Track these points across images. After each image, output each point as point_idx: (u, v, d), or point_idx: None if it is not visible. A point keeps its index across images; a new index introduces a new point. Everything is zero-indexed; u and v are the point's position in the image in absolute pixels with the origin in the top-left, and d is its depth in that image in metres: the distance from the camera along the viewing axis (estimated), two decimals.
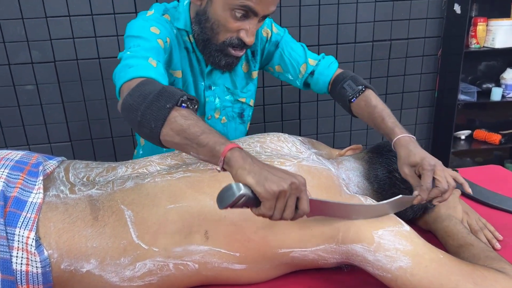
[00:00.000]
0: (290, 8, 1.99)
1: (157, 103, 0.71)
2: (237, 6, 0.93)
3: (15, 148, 1.92)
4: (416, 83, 2.26)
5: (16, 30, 1.83)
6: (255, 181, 0.62)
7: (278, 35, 1.17)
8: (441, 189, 0.83)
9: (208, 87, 1.14)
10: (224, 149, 0.65)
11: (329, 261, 0.80)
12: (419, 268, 0.73)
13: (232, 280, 0.82)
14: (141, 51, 0.90)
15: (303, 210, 0.66)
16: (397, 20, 2.11)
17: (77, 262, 0.72)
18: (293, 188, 0.64)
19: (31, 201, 0.74)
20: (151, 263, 0.75)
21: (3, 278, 0.67)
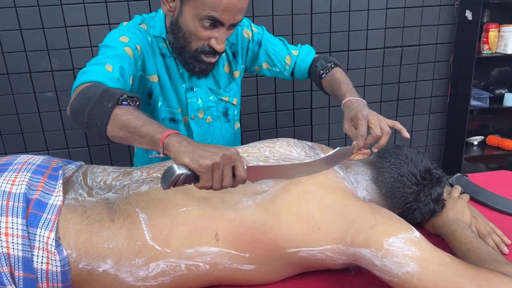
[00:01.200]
0: (302, 16, 2.02)
1: (100, 104, 0.80)
2: (204, 16, 1.00)
3: (35, 153, 1.99)
4: (428, 89, 2.27)
5: (37, 39, 1.90)
6: (189, 160, 0.70)
7: (259, 34, 1.25)
8: (374, 135, 0.92)
9: (190, 88, 1.20)
10: (162, 136, 0.74)
11: (336, 262, 0.82)
12: (426, 272, 0.74)
13: (242, 281, 0.85)
14: (103, 58, 0.98)
15: (240, 176, 0.73)
16: (409, 27, 2.13)
17: (94, 262, 0.76)
18: (225, 159, 0.71)
19: (52, 203, 0.78)
20: (164, 264, 0.78)
21: (25, 276, 0.71)
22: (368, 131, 0.95)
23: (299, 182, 0.85)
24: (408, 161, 0.97)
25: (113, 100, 0.79)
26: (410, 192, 0.96)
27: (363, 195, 0.97)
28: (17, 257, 0.71)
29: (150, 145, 0.77)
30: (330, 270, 0.88)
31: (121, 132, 0.79)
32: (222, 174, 0.72)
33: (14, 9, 1.84)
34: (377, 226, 0.79)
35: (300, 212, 0.81)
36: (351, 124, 0.96)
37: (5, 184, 0.76)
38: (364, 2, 2.05)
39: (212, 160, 0.70)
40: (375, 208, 0.84)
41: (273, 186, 0.84)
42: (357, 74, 2.17)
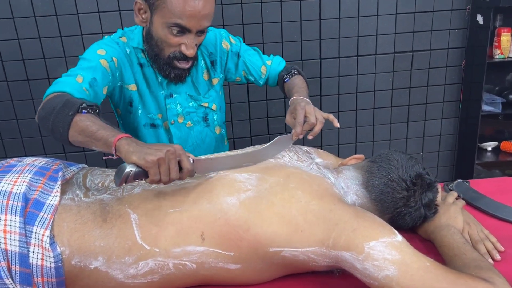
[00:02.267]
0: (311, 22, 2.04)
1: (62, 112, 0.90)
2: (172, 24, 1.08)
3: (53, 155, 2.07)
4: (440, 94, 2.25)
5: (54, 47, 1.98)
6: (137, 157, 0.78)
7: (237, 46, 1.34)
8: (310, 122, 1.04)
9: (169, 95, 1.28)
10: (114, 139, 0.82)
11: (319, 264, 0.84)
12: (405, 276, 0.76)
13: (228, 280, 0.88)
14: (77, 70, 1.08)
15: (186, 168, 0.82)
16: (419, 32, 2.12)
17: (86, 259, 0.80)
18: (170, 154, 0.79)
19: (49, 203, 0.83)
20: (152, 262, 0.82)
21: (21, 270, 0.76)
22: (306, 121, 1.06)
23: (288, 187, 0.87)
24: (399, 166, 0.98)
25: (73, 108, 0.90)
26: (399, 197, 0.97)
27: (353, 200, 0.99)
28: (14, 252, 0.76)
29: (104, 148, 0.86)
30: (315, 272, 0.90)
31: (80, 136, 0.88)
32: (168, 168, 0.79)
33: (34, 18, 1.93)
34: (359, 230, 0.81)
35: (283, 213, 0.83)
36: (292, 116, 1.08)
37: (7, 184, 0.82)
38: (373, 8, 2.05)
39: (157, 155, 0.77)
40: (359, 212, 0.85)
41: (257, 186, 0.87)
42: (366, 79, 2.17)
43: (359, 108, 2.23)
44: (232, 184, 0.88)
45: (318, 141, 2.26)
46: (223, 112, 1.44)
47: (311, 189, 0.88)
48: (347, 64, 2.14)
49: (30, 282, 0.77)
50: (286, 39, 2.06)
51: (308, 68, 2.12)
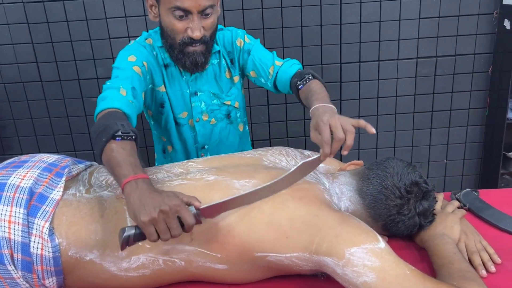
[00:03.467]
0: (331, 27, 2.05)
1: (100, 136, 0.89)
2: (172, 8, 1.12)
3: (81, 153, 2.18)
4: (466, 101, 2.19)
5: (85, 50, 2.09)
6: (132, 216, 0.76)
7: (250, 44, 1.33)
8: (337, 138, 0.89)
9: (194, 93, 1.31)
10: (122, 183, 0.80)
11: (303, 268, 0.86)
12: (382, 283, 0.77)
13: (217, 279, 0.91)
14: (116, 82, 1.10)
15: (188, 224, 0.76)
16: (444, 37, 2.07)
17: (82, 251, 0.86)
18: (164, 214, 0.74)
19: (52, 197, 0.89)
20: (144, 257, 0.87)
21: (23, 258, 0.83)
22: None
23: (279, 194, 0.89)
24: (394, 173, 0.98)
25: (108, 135, 0.88)
26: (393, 204, 0.97)
27: (347, 205, 1.00)
28: (17, 241, 0.83)
29: (120, 187, 0.82)
30: (301, 275, 0.92)
31: (107, 166, 0.87)
32: (167, 226, 0.75)
33: (66, 23, 2.05)
34: (341, 236, 0.82)
35: (271, 221, 0.85)
36: (316, 132, 0.94)
37: (16, 179, 0.89)
38: (395, 12, 2.03)
39: (148, 216, 0.73)
40: (344, 218, 0.86)
41: None
42: (388, 84, 2.15)
43: (380, 114, 2.21)
44: (227, 191, 0.90)
45: None
46: (244, 110, 1.45)
47: (301, 195, 0.90)
48: (368, 69, 2.12)
49: (30, 270, 0.84)
50: (306, 44, 2.07)
51: (328, 72, 2.13)
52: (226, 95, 1.35)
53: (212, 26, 1.19)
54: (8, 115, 2.21)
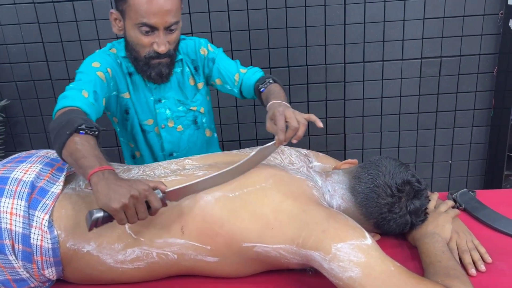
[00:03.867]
0: (335, 27, 2.06)
1: (62, 130, 0.91)
2: (139, 24, 1.16)
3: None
4: (471, 102, 2.18)
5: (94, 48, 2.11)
6: (102, 204, 0.79)
7: (214, 53, 1.39)
8: (292, 127, 0.98)
9: (158, 100, 1.35)
10: (88, 174, 0.83)
11: (291, 261, 0.89)
12: (367, 279, 0.78)
13: (208, 272, 0.94)
14: (79, 84, 1.13)
15: (156, 208, 0.82)
16: (448, 37, 2.07)
17: (79, 243, 0.90)
18: (134, 198, 0.79)
19: (52, 191, 0.93)
20: (138, 250, 0.90)
21: (23, 249, 0.87)
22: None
23: (263, 188, 0.92)
24: (386, 172, 1.00)
25: (71, 128, 0.91)
26: (384, 203, 0.98)
27: (339, 203, 1.02)
28: (17, 233, 0.86)
29: (85, 179, 0.85)
30: (291, 270, 0.94)
31: (69, 158, 0.89)
32: (135, 210, 0.80)
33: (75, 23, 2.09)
34: (328, 231, 0.84)
35: (255, 211, 0.88)
36: (272, 122, 1.03)
37: (19, 173, 0.93)
38: (399, 13, 2.03)
39: (120, 203, 0.78)
40: (332, 214, 0.88)
41: (234, 185, 0.92)
42: (392, 84, 2.15)
43: (384, 114, 2.21)
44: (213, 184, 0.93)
45: (342, 145, 2.27)
46: (211, 116, 1.51)
47: (287, 190, 0.92)
48: (372, 69, 2.13)
49: (30, 260, 0.88)
50: (310, 44, 2.09)
51: (332, 72, 2.14)
52: (191, 101, 1.40)
53: (176, 40, 1.25)
54: (19, 113, 2.27)
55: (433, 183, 2.34)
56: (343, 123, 2.23)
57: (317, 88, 2.17)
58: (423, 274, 0.90)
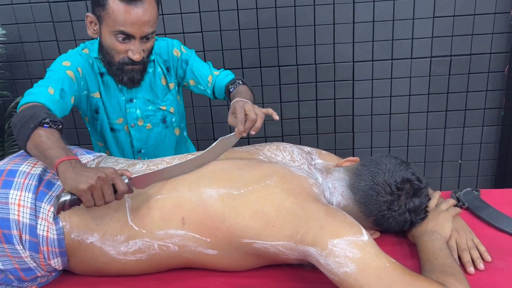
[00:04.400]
0: (344, 25, 2.06)
1: (26, 123, 0.95)
2: (116, 32, 1.19)
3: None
4: (481, 101, 2.16)
5: None
6: (69, 187, 0.83)
7: (187, 55, 1.44)
8: (250, 119, 1.07)
9: (129, 100, 1.38)
10: (55, 163, 0.87)
11: (289, 257, 0.90)
12: (362, 274, 0.79)
13: (209, 265, 0.97)
14: (47, 81, 1.16)
15: (121, 191, 0.86)
16: (459, 36, 2.05)
17: (83, 234, 0.93)
18: (101, 180, 0.83)
19: (58, 184, 0.97)
20: (140, 242, 0.93)
21: (30, 239, 0.90)
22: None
23: (267, 186, 0.93)
24: (386, 170, 1.01)
25: (36, 122, 0.94)
26: (383, 200, 0.99)
27: (338, 200, 1.03)
28: (25, 224, 0.90)
29: (51, 168, 0.91)
30: (290, 265, 0.96)
31: (34, 150, 0.93)
32: (102, 192, 0.84)
33: None
34: (325, 227, 0.85)
35: (256, 209, 0.90)
36: (233, 116, 1.10)
37: (27, 166, 0.96)
38: (409, 11, 2.03)
39: (87, 184, 0.82)
40: (331, 211, 0.89)
41: (239, 183, 0.94)
42: (401, 83, 2.15)
43: (393, 112, 2.21)
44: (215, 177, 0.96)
45: (350, 143, 2.27)
46: (182, 115, 1.53)
47: (289, 187, 0.93)
48: (381, 68, 2.13)
49: (37, 250, 0.91)
50: (319, 42, 2.10)
51: (341, 71, 2.15)
52: (161, 100, 1.43)
53: (151, 48, 1.28)
54: None
55: (443, 182, 2.32)
56: (352, 121, 2.23)
57: (325, 86, 2.18)
58: (420, 271, 0.90)
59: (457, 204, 1.21)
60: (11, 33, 2.17)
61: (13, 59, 2.23)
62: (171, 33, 2.14)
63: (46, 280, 0.98)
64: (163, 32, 2.13)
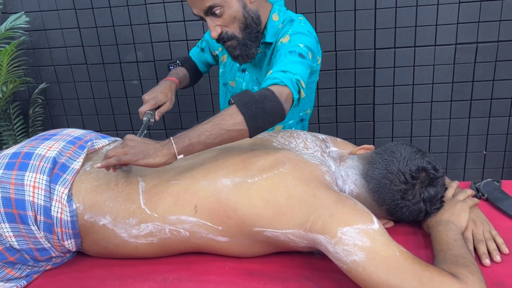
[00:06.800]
0: (365, 11, 2.02)
1: None
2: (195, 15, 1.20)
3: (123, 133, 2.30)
4: (508, 90, 2.08)
5: (125, 34, 2.20)
6: None
7: (283, 45, 1.19)
8: None
9: (242, 70, 1.38)
10: None
11: (299, 245, 0.90)
12: (371, 263, 0.78)
13: (218, 251, 0.97)
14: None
15: None
16: (485, 22, 1.98)
17: (96, 216, 0.94)
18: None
19: (72, 167, 0.98)
20: (152, 226, 0.94)
21: (45, 220, 0.92)
22: None
23: (280, 173, 0.92)
24: (400, 159, 0.98)
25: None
26: (397, 189, 0.97)
27: (351, 189, 1.01)
28: (39, 205, 0.92)
29: None
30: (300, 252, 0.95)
31: None
32: None
33: (109, 8, 2.16)
34: (335, 215, 0.84)
35: (269, 198, 0.89)
36: None
37: (43, 149, 0.99)
38: None
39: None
40: (341, 199, 0.88)
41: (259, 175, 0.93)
42: (424, 71, 2.09)
43: (415, 101, 2.15)
44: (232, 166, 0.95)
45: (371, 133, 2.23)
46: None
47: (301, 175, 0.92)
48: (403, 55, 2.07)
49: (51, 231, 0.93)
50: (339, 29, 2.06)
51: (362, 58, 2.10)
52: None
53: (231, 20, 1.17)
54: (57, 96, 2.38)
55: (466, 173, 2.26)
56: (373, 110, 2.19)
57: (346, 74, 2.14)
58: (433, 262, 0.88)
59: (476, 194, 1.18)
60: (35, 20, 2.21)
61: (37, 46, 2.28)
62: (175, 40, 2.18)
63: (60, 260, 1.01)
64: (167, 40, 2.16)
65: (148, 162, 0.90)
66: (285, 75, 1.06)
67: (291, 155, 0.98)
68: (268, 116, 0.95)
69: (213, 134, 0.91)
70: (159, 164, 0.90)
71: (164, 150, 0.90)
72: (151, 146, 0.92)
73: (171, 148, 0.90)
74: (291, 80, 1.05)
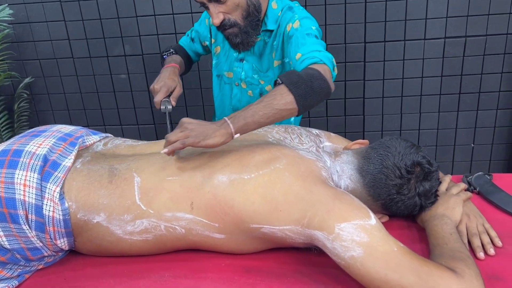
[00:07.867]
0: (355, 5, 2.01)
1: None
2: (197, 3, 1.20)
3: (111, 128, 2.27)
4: (496, 83, 2.10)
5: (113, 27, 2.16)
6: None
7: (295, 30, 1.21)
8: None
9: (240, 59, 1.38)
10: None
11: (296, 241, 0.89)
12: (369, 259, 0.78)
13: (215, 248, 0.96)
14: None
15: None
16: (474, 16, 1.99)
17: (89, 214, 0.92)
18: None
19: (64, 164, 0.96)
20: (147, 222, 0.92)
21: (36, 219, 0.90)
22: None
23: (277, 169, 0.92)
24: (395, 153, 0.99)
25: None
26: (392, 184, 0.97)
27: (347, 184, 1.01)
28: (31, 204, 0.90)
29: None
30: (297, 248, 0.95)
31: None
32: None
33: (96, 1, 2.12)
34: (333, 211, 0.84)
35: (265, 194, 0.88)
36: None
37: (33, 146, 0.96)
38: None
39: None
40: (338, 195, 0.87)
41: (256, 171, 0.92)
42: (413, 65, 2.10)
43: (405, 95, 2.17)
44: (229, 163, 0.94)
45: (361, 126, 2.24)
46: None
47: (298, 171, 0.92)
48: (393, 49, 2.08)
49: (43, 230, 0.91)
50: (330, 23, 2.05)
51: (352, 52, 2.10)
52: (264, 75, 1.37)
53: (234, 7, 1.19)
54: (43, 90, 2.33)
55: (454, 166, 2.29)
56: (363, 104, 2.20)
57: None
58: (429, 256, 0.89)
59: (468, 188, 1.19)
60: (18, 13, 2.16)
61: (21, 39, 2.22)
62: (164, 33, 2.16)
63: (53, 259, 0.99)
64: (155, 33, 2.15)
65: (208, 143, 0.89)
66: (321, 54, 1.10)
67: (287, 150, 0.97)
68: (316, 94, 0.98)
69: (266, 113, 0.93)
70: (218, 144, 0.90)
71: (222, 130, 0.90)
72: (209, 127, 0.91)
73: (228, 128, 0.90)
74: (328, 58, 1.09)
